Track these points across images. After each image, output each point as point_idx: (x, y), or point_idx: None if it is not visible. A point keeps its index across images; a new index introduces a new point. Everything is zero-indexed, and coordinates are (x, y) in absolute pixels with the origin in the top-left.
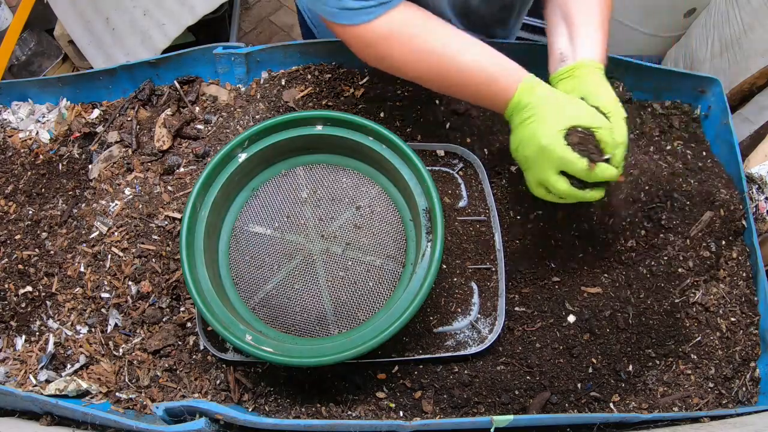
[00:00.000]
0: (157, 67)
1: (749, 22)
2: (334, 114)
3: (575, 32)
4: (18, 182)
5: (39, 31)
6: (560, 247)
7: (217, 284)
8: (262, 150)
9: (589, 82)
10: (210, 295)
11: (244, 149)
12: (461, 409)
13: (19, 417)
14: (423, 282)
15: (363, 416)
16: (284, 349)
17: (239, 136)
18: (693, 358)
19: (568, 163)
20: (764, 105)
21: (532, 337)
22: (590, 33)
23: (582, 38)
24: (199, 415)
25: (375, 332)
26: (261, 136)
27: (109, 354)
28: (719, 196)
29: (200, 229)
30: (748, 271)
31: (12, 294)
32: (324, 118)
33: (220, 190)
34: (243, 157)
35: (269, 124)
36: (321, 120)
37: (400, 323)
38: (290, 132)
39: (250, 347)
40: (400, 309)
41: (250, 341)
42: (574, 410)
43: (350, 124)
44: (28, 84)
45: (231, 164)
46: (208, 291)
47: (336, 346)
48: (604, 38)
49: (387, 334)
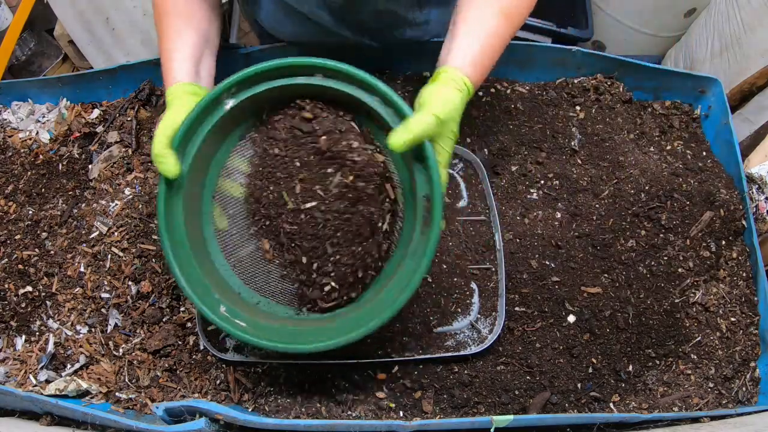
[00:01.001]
0: (158, 67)
1: (749, 22)
2: (336, 65)
3: (452, 40)
4: (18, 182)
5: (39, 31)
6: (560, 247)
7: (197, 244)
8: (252, 97)
9: (429, 86)
10: (186, 259)
11: (231, 95)
12: (461, 409)
13: (19, 417)
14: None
15: (363, 416)
16: (259, 327)
17: (227, 80)
18: (693, 358)
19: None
20: (764, 105)
21: (532, 337)
22: (463, 41)
23: (454, 46)
24: (199, 415)
25: (357, 323)
26: (252, 83)
27: (109, 354)
28: (719, 196)
29: (180, 185)
30: (748, 271)
31: (12, 294)
32: (325, 68)
33: (203, 141)
34: (230, 104)
35: (261, 69)
36: (321, 69)
37: (382, 319)
38: (285, 80)
39: (221, 320)
40: (385, 301)
41: (224, 313)
42: (574, 410)
43: (354, 80)
44: (28, 84)
45: (216, 112)
46: (185, 253)
47: (314, 332)
48: (479, 48)
49: (369, 327)
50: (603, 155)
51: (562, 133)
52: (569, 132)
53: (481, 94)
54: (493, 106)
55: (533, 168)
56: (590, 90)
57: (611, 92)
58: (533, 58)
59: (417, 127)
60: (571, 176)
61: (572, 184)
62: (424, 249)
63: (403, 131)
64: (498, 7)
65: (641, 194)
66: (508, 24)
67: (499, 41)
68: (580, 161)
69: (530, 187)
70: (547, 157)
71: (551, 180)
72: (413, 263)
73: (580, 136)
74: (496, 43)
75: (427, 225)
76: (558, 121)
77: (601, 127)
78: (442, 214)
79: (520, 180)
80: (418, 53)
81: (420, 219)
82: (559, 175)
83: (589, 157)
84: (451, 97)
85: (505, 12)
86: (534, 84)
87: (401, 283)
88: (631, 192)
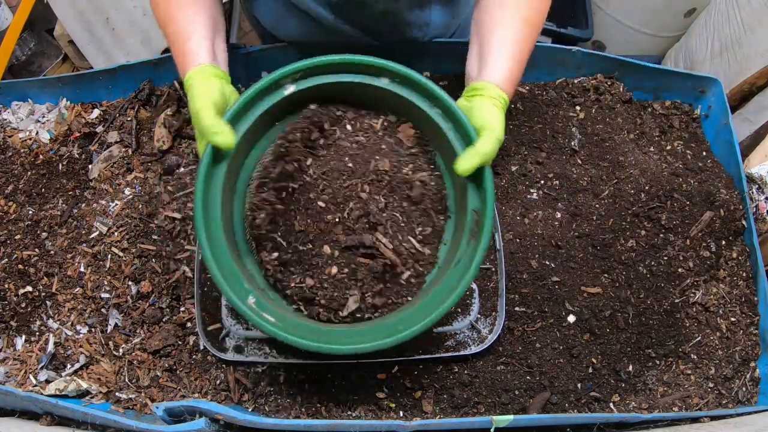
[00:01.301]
0: (158, 67)
1: (749, 22)
2: (407, 71)
3: (484, 56)
4: (18, 182)
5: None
6: (560, 247)
7: (228, 228)
8: (312, 88)
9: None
10: (219, 244)
11: (294, 80)
12: (461, 409)
13: (19, 417)
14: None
15: (363, 416)
16: (288, 322)
17: (293, 65)
18: (693, 358)
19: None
20: (764, 105)
21: (532, 337)
22: (498, 58)
23: (489, 63)
24: (199, 415)
25: (393, 328)
26: (316, 72)
27: (109, 354)
28: (719, 196)
29: (222, 165)
30: (748, 271)
31: (12, 294)
32: (393, 72)
33: (254, 123)
34: (290, 89)
35: (329, 61)
36: (390, 73)
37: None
38: (351, 77)
39: (250, 312)
40: (426, 309)
41: (252, 305)
42: (574, 410)
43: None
44: (28, 84)
45: (275, 95)
46: (218, 237)
47: (343, 334)
48: (514, 64)
49: (407, 334)
50: (603, 155)
51: (562, 133)
52: (569, 132)
53: None
54: None
55: (533, 168)
56: (590, 90)
57: (611, 92)
58: (533, 58)
59: (486, 151)
60: (571, 176)
61: (572, 184)
62: (470, 260)
63: (473, 156)
64: (524, 20)
65: (641, 194)
66: (534, 35)
67: (528, 54)
68: (580, 161)
69: (530, 187)
70: (547, 157)
71: (551, 180)
72: (458, 273)
73: (580, 136)
74: (526, 58)
75: (475, 238)
76: (558, 121)
77: (601, 127)
78: (491, 229)
79: (520, 180)
80: (419, 53)
81: (467, 231)
82: (559, 175)
83: (589, 157)
84: (501, 117)
85: (531, 23)
86: (534, 84)
87: (443, 293)
88: (631, 192)
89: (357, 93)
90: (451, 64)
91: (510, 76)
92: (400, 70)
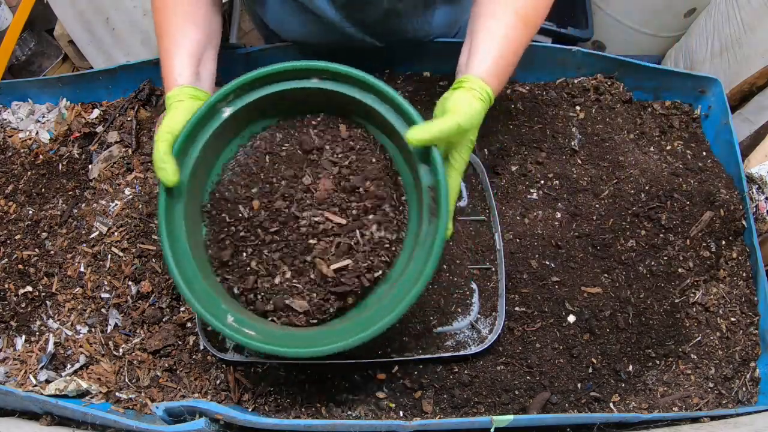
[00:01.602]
0: (158, 67)
1: (749, 22)
2: (333, 66)
3: (473, 49)
4: (18, 182)
5: (39, 31)
6: (560, 247)
7: (199, 255)
8: (249, 105)
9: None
10: (190, 268)
11: (228, 103)
12: (461, 409)
13: (19, 417)
14: (420, 273)
15: (363, 416)
16: (269, 333)
17: (222, 89)
18: (693, 358)
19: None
20: (764, 105)
21: (532, 337)
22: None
23: (475, 55)
24: (199, 415)
25: (370, 322)
26: (248, 89)
27: (109, 354)
28: (719, 196)
29: (180, 192)
30: (748, 271)
31: (12, 294)
32: (320, 70)
33: (204, 147)
34: (228, 111)
35: (257, 75)
36: (317, 72)
37: (392, 318)
38: (281, 85)
39: (230, 330)
40: (398, 296)
41: (232, 323)
42: (574, 410)
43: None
44: (28, 84)
45: (214, 120)
46: (188, 263)
47: (326, 334)
48: (500, 57)
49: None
50: (603, 155)
51: (562, 133)
52: (569, 132)
53: None
54: (493, 106)
55: (533, 168)
56: (590, 90)
57: (611, 92)
58: (533, 58)
59: (437, 128)
60: (571, 176)
61: (572, 184)
62: (434, 237)
63: (423, 129)
64: (517, 15)
65: (641, 194)
66: (526, 32)
67: (519, 50)
68: (580, 161)
69: (530, 187)
70: (547, 157)
71: (551, 180)
72: (423, 253)
73: (580, 136)
74: (516, 53)
75: (434, 214)
76: (558, 121)
77: (601, 127)
78: (448, 200)
79: (520, 180)
80: (420, 53)
81: (426, 210)
82: (559, 175)
83: (589, 157)
84: (474, 106)
85: (524, 19)
86: (534, 84)
87: (413, 276)
88: (631, 192)
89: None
90: (452, 64)
91: (496, 70)
92: (324, 67)
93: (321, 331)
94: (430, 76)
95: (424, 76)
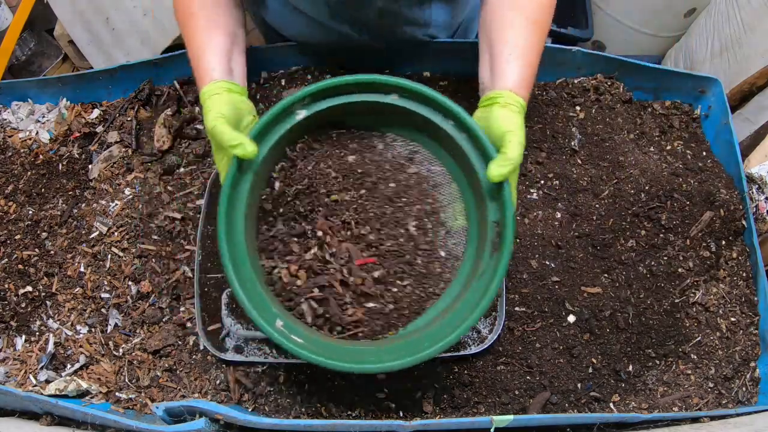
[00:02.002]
0: (158, 67)
1: (749, 22)
2: (413, 86)
3: (495, 62)
4: (18, 182)
5: (39, 31)
6: (560, 247)
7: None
8: (325, 111)
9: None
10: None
11: (304, 106)
12: (461, 409)
13: (19, 417)
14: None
15: (363, 416)
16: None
17: (300, 91)
18: (693, 358)
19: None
20: (764, 105)
21: (532, 337)
22: (510, 62)
23: (501, 68)
24: (199, 415)
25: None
26: (325, 95)
27: (109, 354)
28: (719, 196)
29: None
30: (748, 271)
31: (12, 294)
32: (401, 88)
33: (271, 148)
34: (302, 114)
35: (335, 83)
36: (397, 89)
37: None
38: (358, 96)
39: (279, 335)
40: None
41: (281, 327)
42: (574, 410)
43: (431, 102)
44: (28, 84)
45: (288, 120)
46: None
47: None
48: (526, 67)
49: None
50: (603, 155)
51: (562, 133)
52: (569, 132)
53: None
54: None
55: (533, 168)
56: (590, 90)
57: (611, 92)
58: None
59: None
60: (571, 176)
61: (572, 184)
62: (494, 270)
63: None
64: (531, 21)
65: (641, 194)
66: (542, 36)
67: (539, 54)
68: (580, 161)
69: (530, 187)
70: (547, 157)
71: (551, 180)
72: (482, 285)
73: (580, 136)
74: (537, 58)
75: (497, 250)
76: (558, 121)
77: (601, 127)
78: (513, 239)
79: (520, 180)
80: (420, 54)
81: (489, 243)
82: (559, 175)
83: (589, 157)
84: (522, 123)
85: (538, 22)
86: (534, 84)
87: (468, 307)
88: (631, 192)
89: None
90: (452, 64)
91: (523, 81)
92: (407, 86)
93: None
94: (431, 76)
95: (424, 76)
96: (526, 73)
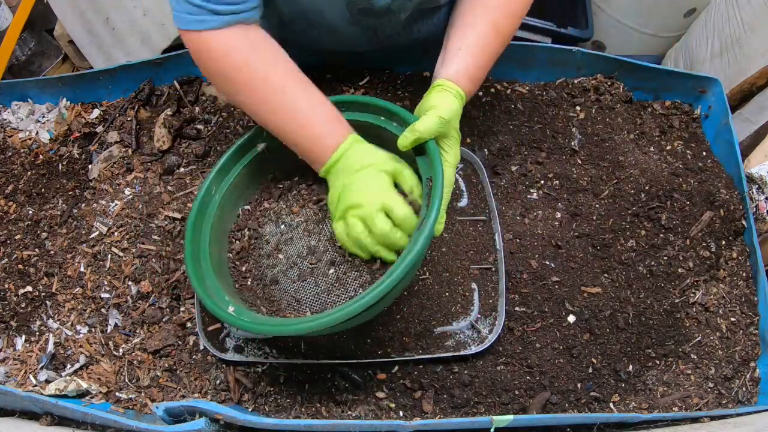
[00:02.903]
0: (158, 67)
1: (749, 22)
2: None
3: (447, 55)
4: (18, 182)
5: (39, 31)
6: (560, 247)
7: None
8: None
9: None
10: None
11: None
12: (461, 409)
13: (19, 417)
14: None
15: (363, 416)
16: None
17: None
18: (693, 358)
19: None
20: (764, 105)
21: (532, 337)
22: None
23: (448, 60)
24: (199, 415)
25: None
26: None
27: (109, 354)
28: (719, 196)
29: (211, 210)
30: (748, 271)
31: (12, 294)
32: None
33: (237, 176)
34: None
35: None
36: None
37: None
38: None
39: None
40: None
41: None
42: (574, 410)
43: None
44: (28, 84)
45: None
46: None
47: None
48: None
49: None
50: (603, 155)
51: (562, 133)
52: (569, 132)
53: (481, 94)
54: (493, 106)
55: (533, 168)
56: (590, 90)
57: (611, 92)
58: (533, 58)
59: (421, 126)
60: (571, 176)
61: (572, 184)
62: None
63: (408, 132)
64: (492, 25)
65: (641, 194)
66: (499, 41)
67: (491, 56)
68: (580, 161)
69: (530, 187)
70: (547, 157)
71: (551, 180)
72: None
73: (580, 136)
74: (489, 58)
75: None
76: (558, 121)
77: (601, 127)
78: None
79: (520, 180)
80: (420, 53)
81: (425, 199)
82: (559, 175)
83: (589, 157)
84: (451, 102)
85: (499, 30)
86: (534, 84)
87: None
88: (631, 192)
89: None
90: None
91: (467, 72)
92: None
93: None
94: (430, 76)
95: (424, 76)
96: (470, 67)
